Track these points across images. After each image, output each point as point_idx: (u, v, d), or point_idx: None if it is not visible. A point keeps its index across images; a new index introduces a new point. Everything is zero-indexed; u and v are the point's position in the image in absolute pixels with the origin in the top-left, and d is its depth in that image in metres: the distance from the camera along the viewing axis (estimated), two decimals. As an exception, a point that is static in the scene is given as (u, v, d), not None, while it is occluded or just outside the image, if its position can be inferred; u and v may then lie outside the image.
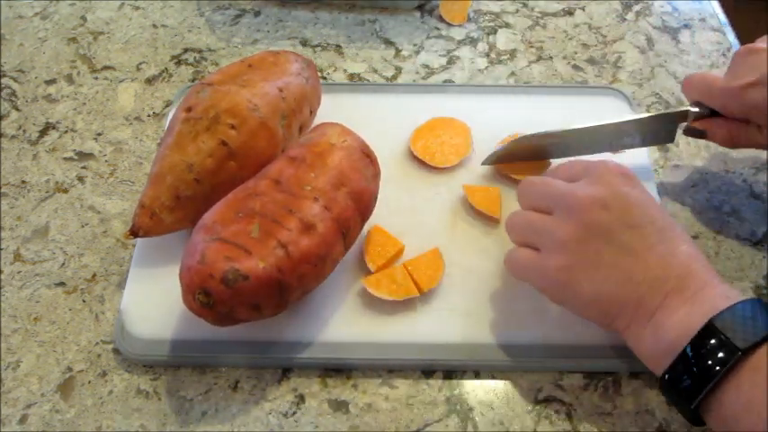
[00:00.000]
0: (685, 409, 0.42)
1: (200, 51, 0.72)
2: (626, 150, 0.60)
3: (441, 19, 0.74)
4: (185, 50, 0.72)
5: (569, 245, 0.44)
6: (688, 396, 0.41)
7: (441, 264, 0.53)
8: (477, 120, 0.63)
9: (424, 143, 0.60)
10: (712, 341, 0.40)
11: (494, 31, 0.74)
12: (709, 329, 0.40)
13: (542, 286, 0.47)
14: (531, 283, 0.47)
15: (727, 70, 0.53)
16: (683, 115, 0.56)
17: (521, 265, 0.48)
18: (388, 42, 0.72)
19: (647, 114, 0.57)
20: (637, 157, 0.61)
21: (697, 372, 0.40)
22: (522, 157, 0.59)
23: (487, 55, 0.71)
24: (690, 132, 0.56)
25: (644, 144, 0.59)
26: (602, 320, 0.45)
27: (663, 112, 0.58)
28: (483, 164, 0.59)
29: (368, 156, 0.52)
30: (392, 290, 0.50)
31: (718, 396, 0.40)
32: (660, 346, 0.42)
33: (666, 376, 0.42)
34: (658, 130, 0.58)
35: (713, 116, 0.55)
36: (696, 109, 0.55)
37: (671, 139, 0.59)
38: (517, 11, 0.76)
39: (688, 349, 0.40)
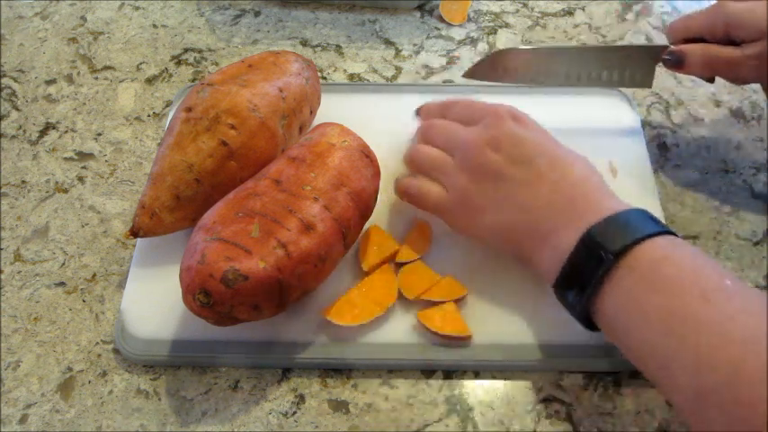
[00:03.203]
0: (575, 315, 0.45)
1: (200, 51, 0.72)
2: (619, 168, 0.60)
3: (441, 19, 0.74)
4: (185, 50, 0.72)
5: (468, 186, 0.50)
6: (576, 303, 0.44)
7: (428, 271, 0.53)
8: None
9: None
10: (589, 249, 0.43)
11: (494, 31, 0.74)
12: (586, 238, 0.43)
13: (450, 221, 0.52)
14: (438, 216, 0.53)
15: None
16: (660, 53, 0.56)
17: (431, 198, 0.52)
18: (388, 42, 0.72)
19: (625, 44, 0.58)
20: (637, 156, 0.61)
21: (578, 279, 0.43)
22: (503, 77, 0.60)
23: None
24: (668, 61, 0.56)
25: (621, 83, 0.59)
26: (509, 250, 0.50)
27: (642, 44, 0.58)
28: (463, 76, 0.61)
29: (368, 156, 0.52)
30: (354, 315, 0.50)
31: (600, 300, 0.43)
32: (554, 262, 0.45)
33: (557, 287, 0.45)
34: (634, 67, 0.58)
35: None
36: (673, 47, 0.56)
37: (648, 82, 0.59)
38: (517, 11, 0.76)
39: (568, 262, 0.44)
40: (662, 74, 0.69)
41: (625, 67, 0.58)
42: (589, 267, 0.43)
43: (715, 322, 0.37)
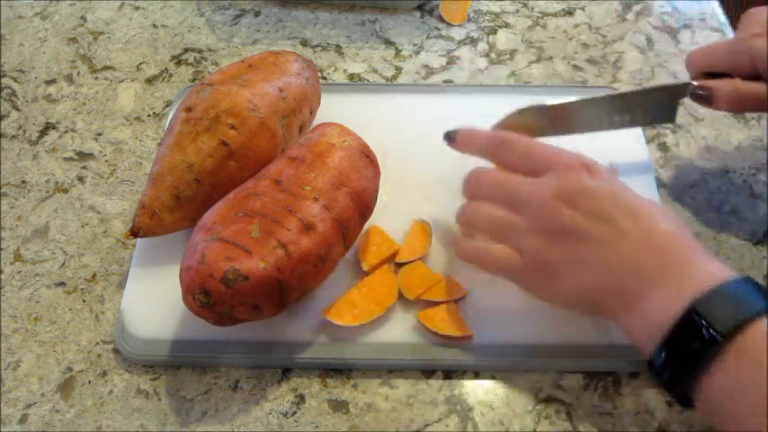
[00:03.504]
0: (672, 394, 0.41)
1: (200, 51, 0.72)
2: (619, 168, 0.59)
3: (441, 19, 0.74)
4: (185, 50, 0.72)
5: (544, 248, 0.45)
6: (675, 382, 0.40)
7: (428, 271, 0.53)
8: (478, 120, 0.63)
9: None
10: (693, 327, 0.39)
11: (494, 31, 0.74)
12: (690, 314, 0.39)
13: (525, 286, 0.47)
14: (510, 280, 0.48)
15: (735, 33, 0.54)
16: (684, 90, 0.55)
17: (502, 263, 0.47)
18: (388, 42, 0.72)
19: (647, 87, 0.56)
20: (637, 156, 0.61)
21: (680, 359, 0.40)
22: (524, 133, 0.58)
23: (487, 55, 0.71)
24: (695, 96, 0.54)
25: (645, 122, 0.58)
26: (591, 313, 0.46)
27: (664, 84, 0.57)
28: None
29: (368, 156, 0.52)
30: (354, 315, 0.50)
31: (704, 381, 0.39)
32: (646, 332, 0.42)
33: (653, 361, 0.41)
34: (658, 107, 0.57)
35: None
36: (697, 83, 0.54)
37: (671, 117, 0.57)
38: (517, 11, 0.76)
39: (669, 336, 0.40)
40: (661, 73, 0.69)
41: (648, 106, 0.57)
42: (692, 348, 0.39)
43: None
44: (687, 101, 0.55)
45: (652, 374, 0.42)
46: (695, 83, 0.54)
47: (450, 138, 0.54)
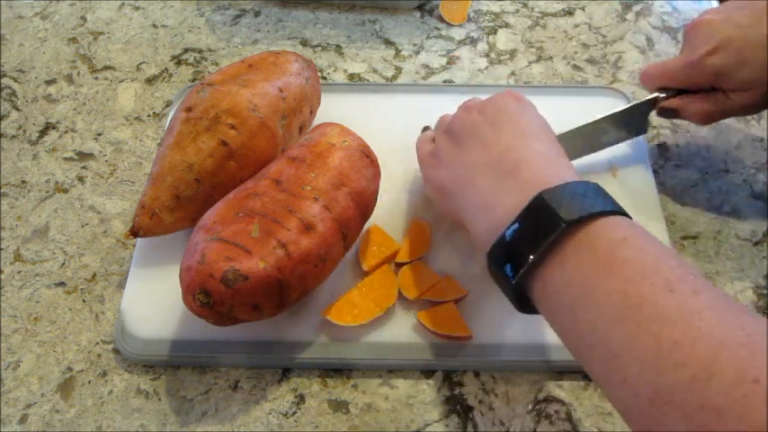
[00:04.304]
0: (509, 289, 0.41)
1: (200, 51, 0.72)
2: (619, 168, 0.60)
3: (441, 19, 0.74)
4: (185, 50, 0.72)
5: (442, 141, 0.50)
6: (513, 272, 0.40)
7: (428, 271, 0.53)
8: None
9: None
10: (537, 214, 0.39)
11: (494, 31, 0.74)
12: (536, 202, 0.40)
13: (422, 173, 0.53)
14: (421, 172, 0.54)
15: (681, 49, 0.56)
16: (652, 103, 0.57)
17: (419, 154, 0.54)
18: (388, 42, 0.72)
19: (618, 109, 0.58)
20: (637, 156, 0.61)
21: (521, 249, 0.39)
22: None
23: (487, 55, 0.71)
24: (663, 112, 0.57)
25: (620, 140, 0.60)
26: (448, 209, 0.50)
27: (632, 103, 0.58)
28: None
29: (368, 156, 0.52)
30: (355, 315, 0.50)
31: (543, 274, 0.39)
32: (491, 229, 0.42)
33: (492, 252, 0.41)
34: (630, 123, 0.59)
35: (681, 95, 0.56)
36: (663, 94, 0.56)
37: (644, 129, 0.60)
38: (517, 11, 0.76)
39: (516, 224, 0.40)
40: (662, 74, 0.69)
41: (622, 124, 0.59)
42: (535, 235, 0.39)
43: (681, 315, 0.33)
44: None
45: (490, 268, 0.42)
46: (661, 96, 0.56)
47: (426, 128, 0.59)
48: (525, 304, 0.41)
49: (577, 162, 0.59)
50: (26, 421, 0.48)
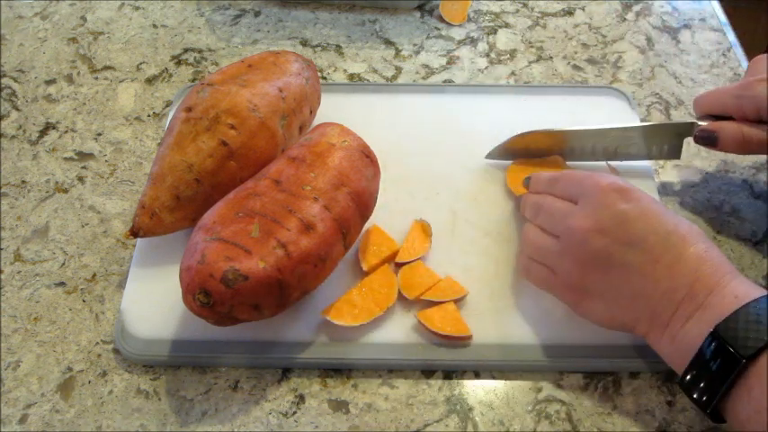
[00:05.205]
0: (705, 412, 0.42)
1: (200, 51, 0.72)
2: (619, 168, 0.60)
3: (441, 19, 0.74)
4: (185, 50, 0.72)
5: (574, 275, 0.46)
6: (703, 402, 0.42)
7: (428, 271, 0.53)
8: (478, 120, 0.64)
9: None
10: (715, 351, 0.40)
11: (494, 31, 0.74)
12: (713, 338, 0.41)
13: (563, 301, 0.49)
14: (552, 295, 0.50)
15: (743, 78, 0.55)
16: (689, 130, 0.56)
17: (540, 281, 0.50)
18: (388, 42, 0.72)
19: (651, 123, 0.57)
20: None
21: (706, 381, 0.41)
22: (525, 154, 0.59)
23: (487, 55, 0.71)
24: (700, 139, 0.55)
25: (648, 156, 0.59)
26: (623, 331, 0.47)
27: (669, 122, 0.58)
28: (486, 158, 0.60)
29: (368, 156, 0.52)
30: (354, 315, 0.50)
31: (731, 400, 0.40)
32: (677, 354, 0.43)
33: (683, 382, 0.43)
34: (663, 142, 0.58)
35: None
36: (703, 123, 0.55)
37: (677, 154, 0.58)
38: (517, 11, 0.76)
39: (695, 359, 0.41)
40: (662, 73, 0.69)
41: (652, 142, 0.57)
42: (717, 370, 0.40)
43: None
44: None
45: (685, 393, 0.43)
46: (701, 123, 0.55)
47: (526, 182, 0.55)
48: (719, 418, 0.42)
49: (577, 162, 0.60)
50: (26, 421, 0.48)
